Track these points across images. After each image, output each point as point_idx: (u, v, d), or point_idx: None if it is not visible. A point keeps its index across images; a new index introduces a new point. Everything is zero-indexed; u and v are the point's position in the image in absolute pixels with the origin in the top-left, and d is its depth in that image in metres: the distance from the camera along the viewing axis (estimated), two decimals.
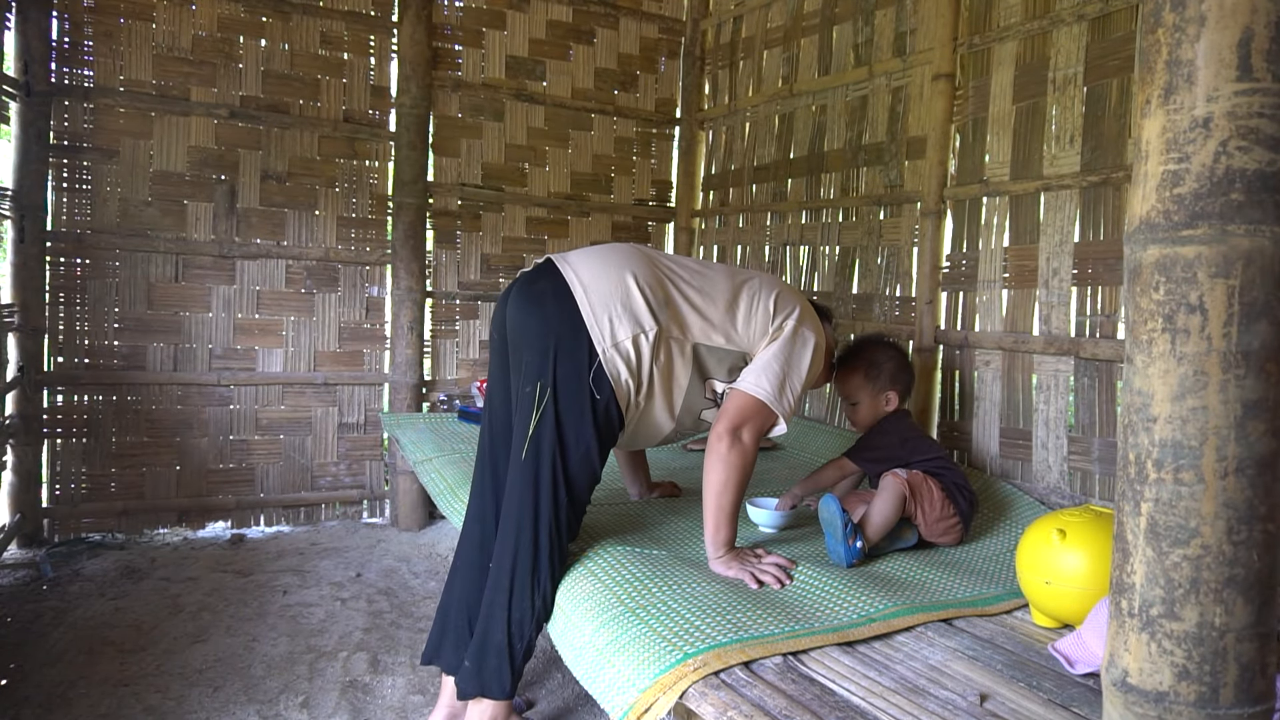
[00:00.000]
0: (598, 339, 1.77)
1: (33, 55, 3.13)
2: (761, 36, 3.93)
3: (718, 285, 1.94)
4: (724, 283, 1.95)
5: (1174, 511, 0.83)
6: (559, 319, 1.78)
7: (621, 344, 1.78)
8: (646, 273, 1.86)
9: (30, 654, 2.36)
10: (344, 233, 3.70)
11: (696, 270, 1.96)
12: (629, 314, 1.80)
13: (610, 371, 1.78)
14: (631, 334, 1.78)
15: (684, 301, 1.89)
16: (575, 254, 1.91)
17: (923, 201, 2.98)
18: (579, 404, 1.77)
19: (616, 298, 1.80)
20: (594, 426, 1.79)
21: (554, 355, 1.77)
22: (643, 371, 1.81)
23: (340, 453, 3.74)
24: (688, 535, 2.12)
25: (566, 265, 1.85)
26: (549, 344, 1.78)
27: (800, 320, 1.96)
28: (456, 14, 3.89)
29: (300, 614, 2.72)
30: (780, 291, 1.99)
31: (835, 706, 1.30)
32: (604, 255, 1.89)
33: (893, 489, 2.06)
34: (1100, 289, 2.44)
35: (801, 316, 1.97)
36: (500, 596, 1.77)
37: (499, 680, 1.76)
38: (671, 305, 1.87)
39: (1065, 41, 2.54)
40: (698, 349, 1.89)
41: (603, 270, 1.84)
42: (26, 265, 3.17)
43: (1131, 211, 0.87)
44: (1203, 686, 0.83)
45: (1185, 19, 0.80)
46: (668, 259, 1.97)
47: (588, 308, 1.78)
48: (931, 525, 2.12)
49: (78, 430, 3.31)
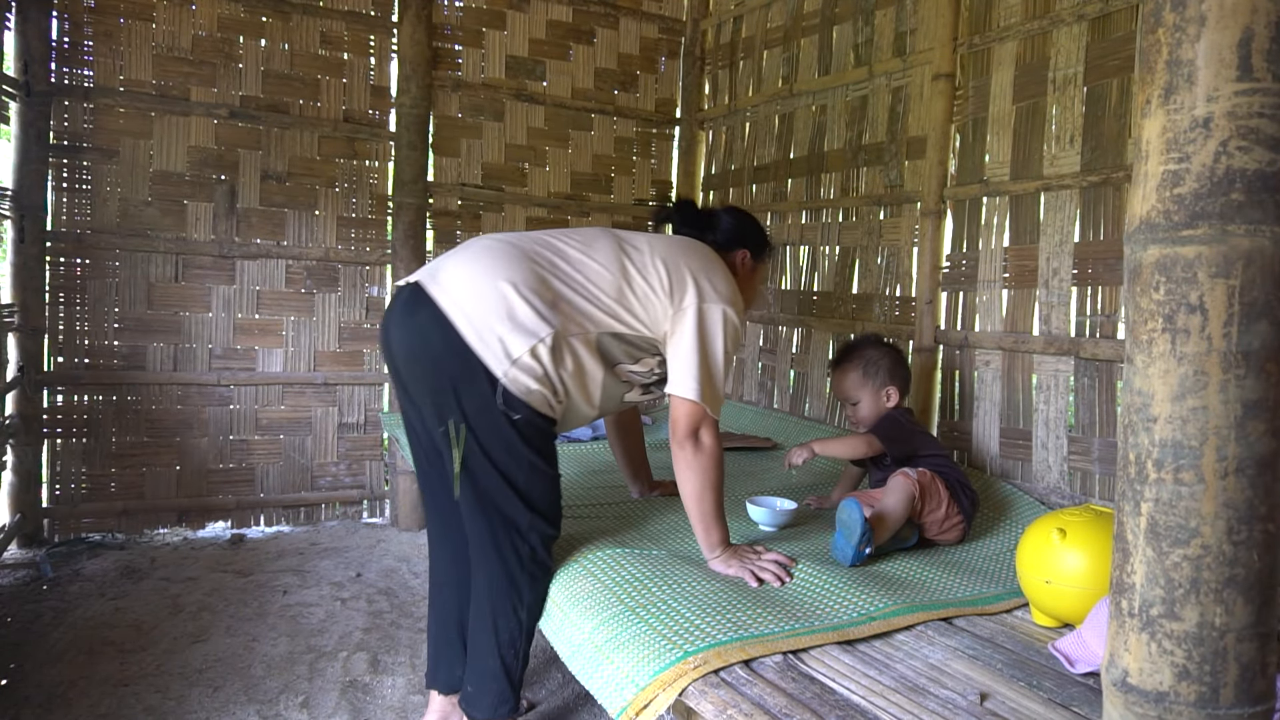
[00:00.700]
0: (493, 364, 1.66)
1: (33, 55, 3.13)
2: (761, 36, 3.93)
3: (604, 267, 1.81)
4: (610, 263, 1.82)
5: (1174, 511, 0.83)
6: (448, 355, 1.68)
7: (520, 360, 1.67)
8: (525, 274, 1.73)
9: (30, 654, 2.36)
10: (344, 233, 3.70)
11: (579, 256, 1.82)
12: (517, 327, 1.67)
13: (518, 390, 1.68)
14: (527, 346, 1.67)
15: (574, 294, 1.77)
16: (446, 269, 1.77)
17: (923, 201, 2.98)
18: (499, 431, 1.70)
19: (500, 313, 1.68)
20: (524, 443, 1.72)
21: (455, 394, 1.69)
22: (551, 378, 1.72)
23: (340, 453, 3.74)
24: (687, 533, 2.12)
25: (439, 289, 1.72)
26: (446, 384, 1.69)
27: (700, 299, 1.83)
28: (456, 14, 3.89)
29: (300, 614, 2.72)
30: (670, 264, 1.85)
31: (835, 705, 1.30)
32: (474, 266, 1.75)
33: (903, 489, 2.04)
34: (1100, 289, 2.44)
35: (700, 294, 1.84)
36: (484, 623, 1.77)
37: (504, 702, 1.77)
38: (561, 303, 1.74)
39: (1065, 41, 2.54)
40: (601, 340, 1.79)
41: (477, 286, 1.71)
42: (26, 265, 3.17)
43: (1131, 211, 0.87)
44: (1203, 686, 0.83)
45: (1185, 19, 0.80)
46: (543, 247, 1.83)
47: (473, 335, 1.66)
48: (937, 525, 2.12)
49: (78, 430, 3.31)
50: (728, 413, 3.78)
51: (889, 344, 2.46)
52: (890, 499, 2.03)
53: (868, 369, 2.34)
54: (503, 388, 1.67)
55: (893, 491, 2.05)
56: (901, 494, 2.03)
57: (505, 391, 1.67)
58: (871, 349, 2.39)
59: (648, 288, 1.82)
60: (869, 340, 2.45)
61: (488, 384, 1.67)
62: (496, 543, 1.75)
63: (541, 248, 1.83)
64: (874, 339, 2.47)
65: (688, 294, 1.84)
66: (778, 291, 3.76)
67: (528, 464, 1.73)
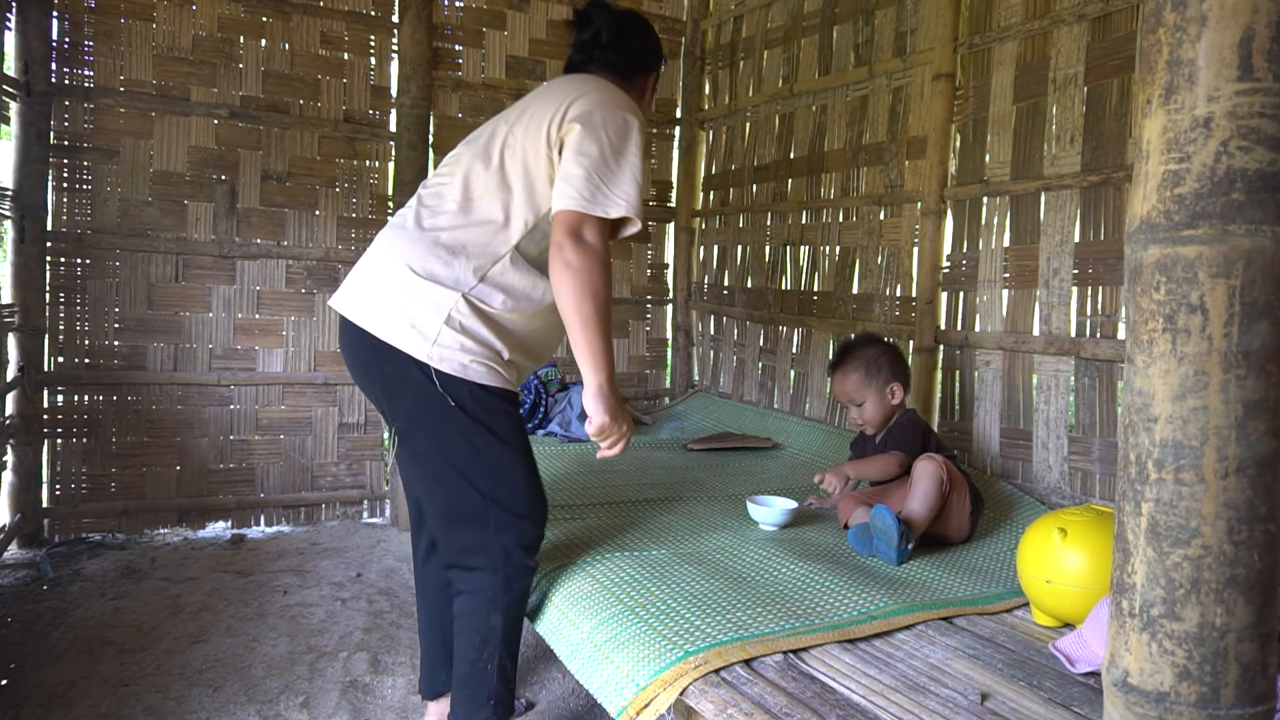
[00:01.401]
0: (416, 351, 1.56)
1: (33, 55, 3.13)
2: (761, 36, 3.93)
3: (478, 175, 1.67)
4: (481, 166, 1.68)
5: (1175, 512, 0.83)
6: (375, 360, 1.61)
7: (440, 337, 1.56)
8: (411, 246, 1.63)
9: (30, 654, 2.36)
10: (344, 233, 3.70)
11: (451, 184, 1.69)
12: (423, 305, 1.57)
13: (453, 368, 1.56)
14: (441, 318, 1.56)
15: (467, 228, 1.64)
16: (347, 279, 1.73)
17: (923, 201, 2.98)
18: (445, 422, 1.59)
19: (401, 298, 1.59)
20: (476, 429, 1.59)
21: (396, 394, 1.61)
22: (485, 338, 1.59)
23: (340, 453, 3.74)
24: (687, 533, 2.12)
25: (344, 302, 1.68)
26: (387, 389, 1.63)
27: (585, 111, 1.62)
28: (457, 14, 3.89)
29: (300, 614, 2.72)
30: (541, 115, 1.66)
31: (836, 705, 1.30)
32: (366, 263, 1.70)
33: (932, 475, 2.04)
34: (1101, 289, 2.44)
35: (585, 109, 1.63)
36: (460, 625, 1.70)
37: (480, 708, 1.69)
38: (458, 248, 1.62)
39: (1066, 41, 2.54)
40: (521, 247, 1.64)
41: (372, 282, 1.65)
42: (26, 265, 3.17)
43: (1132, 211, 0.87)
44: (1203, 687, 0.83)
45: (1186, 19, 0.80)
46: (421, 202, 1.72)
47: (386, 330, 1.59)
48: (957, 514, 2.12)
49: (78, 430, 3.31)
50: (728, 413, 3.77)
51: (886, 342, 2.46)
52: (920, 486, 2.04)
53: (869, 369, 2.33)
54: (435, 371, 1.56)
55: (922, 478, 2.05)
56: (931, 480, 2.04)
57: (439, 374, 1.56)
58: (870, 348, 2.39)
59: (531, 158, 1.65)
60: (866, 339, 2.45)
61: (420, 373, 1.57)
62: (463, 544, 1.67)
63: (420, 205, 1.71)
64: (870, 338, 2.47)
65: (568, 116, 1.63)
66: (778, 291, 3.76)
67: (484, 452, 1.61)
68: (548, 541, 1.88)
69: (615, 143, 1.62)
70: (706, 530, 2.16)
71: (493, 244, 1.64)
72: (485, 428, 1.61)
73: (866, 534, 2.01)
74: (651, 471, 2.86)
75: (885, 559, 1.96)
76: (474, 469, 1.62)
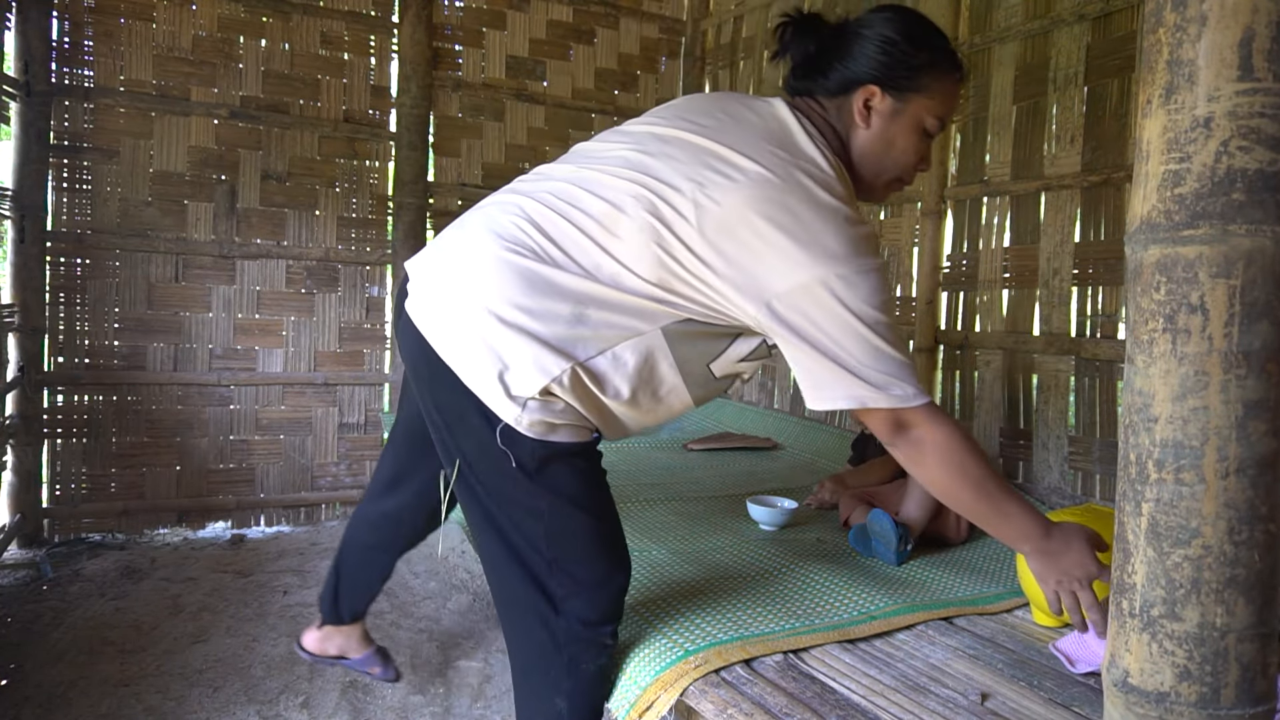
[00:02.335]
0: (495, 404, 1.25)
1: (33, 55, 3.13)
2: (762, 36, 3.93)
3: (619, 220, 1.24)
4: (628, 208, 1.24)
5: (1175, 512, 0.83)
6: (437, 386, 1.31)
7: (529, 403, 1.24)
8: (509, 280, 1.24)
9: (30, 654, 2.36)
10: (344, 233, 3.70)
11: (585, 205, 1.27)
12: (529, 361, 1.23)
13: (535, 431, 1.25)
14: (536, 387, 1.23)
15: (594, 284, 1.24)
16: (427, 265, 1.37)
17: (923, 201, 2.98)
18: (503, 479, 1.30)
19: (497, 342, 1.24)
20: (542, 488, 1.29)
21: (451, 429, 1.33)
22: (582, 409, 1.28)
23: (340, 453, 3.74)
24: (687, 533, 2.12)
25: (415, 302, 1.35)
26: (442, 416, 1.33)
27: (774, 290, 1.21)
28: (456, 14, 3.89)
29: (300, 614, 2.72)
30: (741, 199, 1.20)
31: (836, 705, 1.30)
32: (453, 270, 1.32)
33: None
34: (1101, 289, 2.44)
35: (768, 280, 1.21)
36: (520, 708, 1.43)
37: None
38: (585, 304, 1.24)
39: (1066, 41, 2.54)
40: (664, 337, 1.27)
41: (454, 302, 1.29)
42: (26, 265, 3.17)
43: (1132, 211, 0.87)
44: (1204, 687, 0.83)
45: (1186, 18, 0.80)
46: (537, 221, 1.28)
47: (460, 366, 1.27)
48: (954, 513, 2.12)
49: (78, 430, 3.30)
50: (728, 413, 3.77)
51: None
52: (918, 486, 2.05)
53: None
54: (505, 428, 1.25)
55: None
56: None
57: (507, 431, 1.25)
58: None
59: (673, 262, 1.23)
60: None
61: (484, 421, 1.26)
62: (523, 615, 1.36)
63: (539, 222, 1.28)
64: None
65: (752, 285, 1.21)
66: None
67: (551, 515, 1.31)
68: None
69: (874, 307, 1.21)
70: (706, 530, 2.16)
71: (631, 317, 1.26)
72: (557, 488, 1.31)
73: (866, 535, 2.02)
74: (651, 471, 2.86)
75: (885, 561, 1.97)
76: (532, 529, 1.32)
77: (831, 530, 2.24)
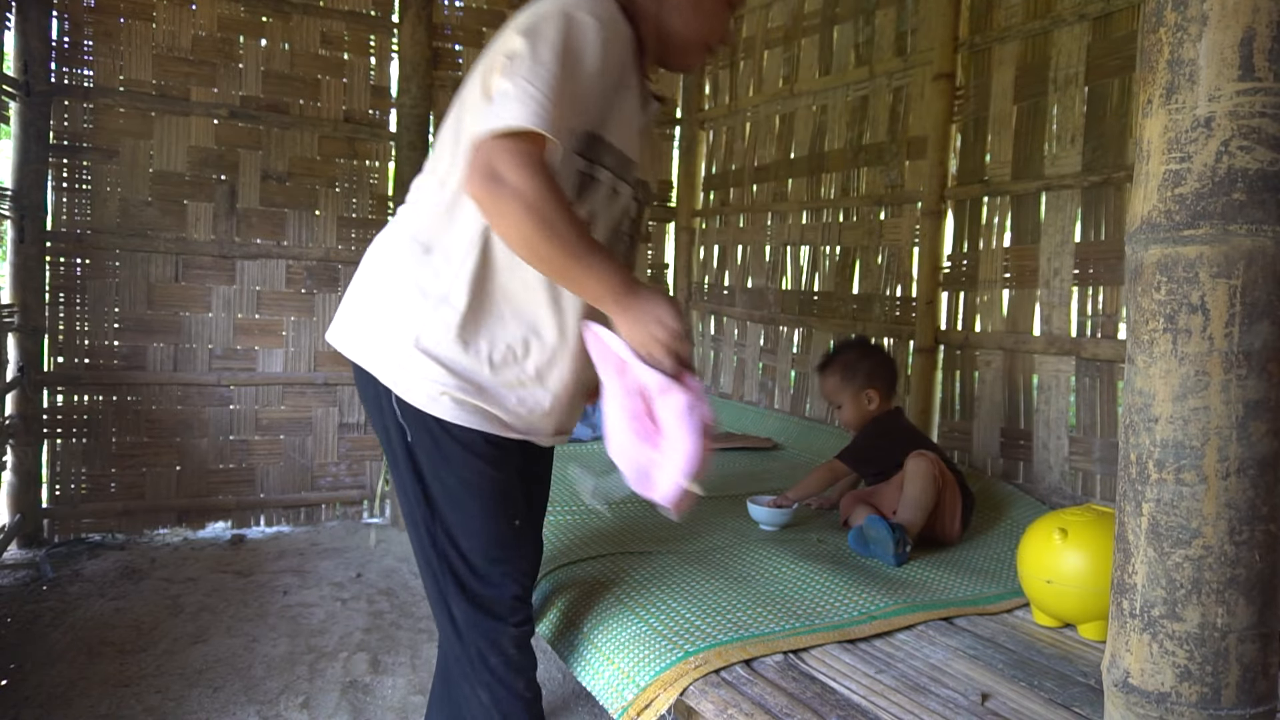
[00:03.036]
0: (380, 370, 1.30)
1: (33, 55, 3.13)
2: (762, 36, 3.93)
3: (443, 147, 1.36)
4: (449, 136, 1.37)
5: (1175, 512, 0.83)
6: (360, 385, 1.37)
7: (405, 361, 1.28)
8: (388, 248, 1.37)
9: (30, 654, 2.36)
10: (344, 233, 3.70)
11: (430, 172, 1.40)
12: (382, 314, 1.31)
13: (418, 398, 1.27)
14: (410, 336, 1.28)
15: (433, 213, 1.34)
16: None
17: (923, 201, 2.98)
18: (404, 466, 1.34)
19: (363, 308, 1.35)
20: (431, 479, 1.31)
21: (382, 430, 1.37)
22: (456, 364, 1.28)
23: (340, 453, 3.74)
24: (687, 533, 2.12)
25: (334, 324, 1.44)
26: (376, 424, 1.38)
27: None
28: (456, 14, 3.89)
29: (300, 614, 2.72)
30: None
31: (836, 705, 1.30)
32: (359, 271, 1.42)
33: (924, 474, 2.06)
34: (1101, 289, 2.44)
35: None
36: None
37: None
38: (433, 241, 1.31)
39: (1066, 41, 2.53)
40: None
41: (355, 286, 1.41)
42: (26, 265, 3.17)
43: (1133, 211, 0.87)
44: (1204, 687, 0.83)
45: (1187, 18, 0.80)
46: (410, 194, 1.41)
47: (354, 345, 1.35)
48: (948, 513, 2.12)
49: (78, 430, 3.30)
50: (728, 413, 3.77)
51: (873, 346, 2.49)
52: (911, 485, 2.05)
53: (846, 373, 2.37)
54: (395, 399, 1.28)
55: (913, 478, 2.07)
56: (923, 477, 2.06)
57: (399, 402, 1.28)
58: (851, 352, 2.43)
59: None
60: (851, 344, 2.50)
61: (387, 401, 1.30)
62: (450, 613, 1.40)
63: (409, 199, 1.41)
64: (856, 342, 2.52)
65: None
66: (778, 291, 3.75)
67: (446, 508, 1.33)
68: (549, 545, 1.86)
69: (560, 47, 1.19)
70: (706, 530, 2.16)
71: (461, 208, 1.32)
72: (445, 481, 1.32)
73: (864, 537, 2.02)
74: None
75: (885, 563, 1.97)
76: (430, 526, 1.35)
77: (831, 530, 2.24)
